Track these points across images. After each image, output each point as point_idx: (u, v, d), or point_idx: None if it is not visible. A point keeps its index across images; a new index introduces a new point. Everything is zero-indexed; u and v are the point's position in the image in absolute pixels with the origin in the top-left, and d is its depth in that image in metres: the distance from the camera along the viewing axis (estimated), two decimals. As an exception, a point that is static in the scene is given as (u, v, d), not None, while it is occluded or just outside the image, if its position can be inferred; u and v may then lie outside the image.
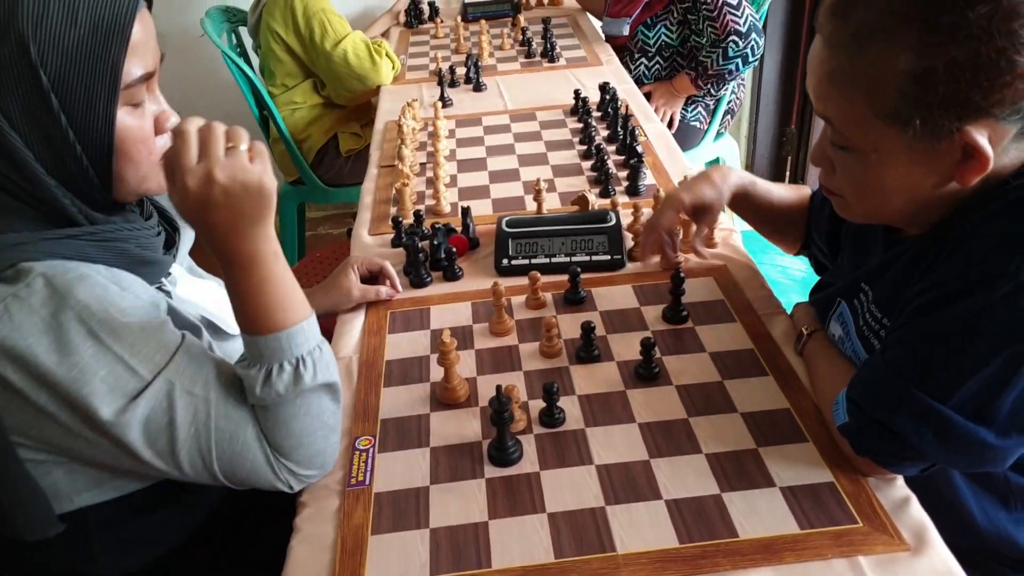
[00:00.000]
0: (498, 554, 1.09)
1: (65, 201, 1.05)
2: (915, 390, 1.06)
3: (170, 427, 1.04)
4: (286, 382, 1.10)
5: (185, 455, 1.06)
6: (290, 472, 1.14)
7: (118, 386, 1.00)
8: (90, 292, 1.00)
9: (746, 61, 2.95)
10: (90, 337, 0.98)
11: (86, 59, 1.00)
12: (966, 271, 1.04)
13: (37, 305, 0.96)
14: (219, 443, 1.08)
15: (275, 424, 1.11)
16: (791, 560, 1.04)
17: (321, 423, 1.15)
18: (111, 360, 1.00)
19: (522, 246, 1.73)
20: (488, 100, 2.73)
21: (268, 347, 1.09)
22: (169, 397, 1.04)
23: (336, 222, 4.37)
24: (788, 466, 1.18)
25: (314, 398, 1.13)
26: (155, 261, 1.17)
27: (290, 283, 1.12)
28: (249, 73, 3.08)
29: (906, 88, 1.01)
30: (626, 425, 1.28)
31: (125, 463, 1.06)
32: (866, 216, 1.21)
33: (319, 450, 1.16)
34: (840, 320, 1.32)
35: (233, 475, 1.11)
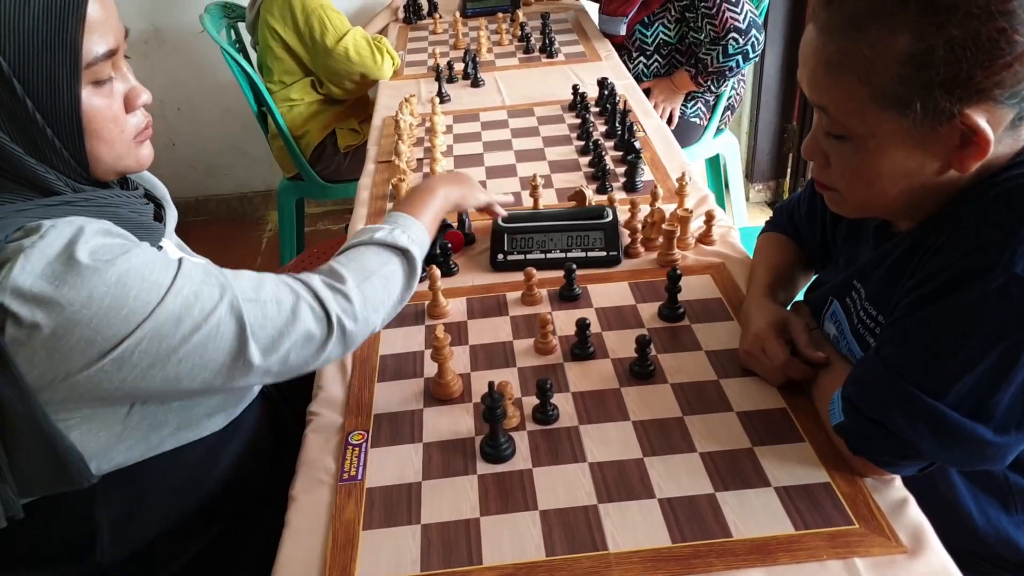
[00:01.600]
0: (489, 551, 1.08)
1: (50, 176, 1.05)
2: (910, 387, 1.05)
3: (200, 310, 1.05)
4: (400, 239, 1.30)
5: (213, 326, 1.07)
6: (349, 314, 1.18)
7: (151, 299, 1.01)
8: (98, 231, 1.01)
9: (746, 58, 2.93)
10: (110, 265, 0.98)
11: (43, 41, 0.99)
12: (959, 264, 1.03)
13: (54, 252, 0.96)
14: (248, 303, 1.09)
15: (358, 259, 1.26)
16: (785, 561, 1.03)
17: (391, 285, 1.27)
18: (136, 279, 1.00)
19: (518, 241, 1.72)
20: (486, 96, 2.72)
21: (408, 223, 1.35)
22: (195, 292, 1.05)
23: (335, 218, 4.37)
24: (783, 466, 1.17)
25: (402, 266, 1.30)
26: (150, 226, 1.17)
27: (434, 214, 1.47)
28: (248, 69, 3.07)
29: (905, 71, 0.99)
30: (620, 423, 1.27)
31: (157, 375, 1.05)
32: (860, 208, 1.19)
33: (380, 300, 1.25)
34: (833, 319, 1.31)
35: (271, 334, 1.11)
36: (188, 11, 3.77)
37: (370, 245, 1.29)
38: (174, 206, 1.34)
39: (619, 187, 2.00)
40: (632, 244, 1.72)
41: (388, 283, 1.26)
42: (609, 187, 1.97)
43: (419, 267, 1.32)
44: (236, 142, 4.24)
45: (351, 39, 3.00)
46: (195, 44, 3.89)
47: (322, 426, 1.33)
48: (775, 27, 3.70)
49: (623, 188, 1.99)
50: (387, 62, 3.03)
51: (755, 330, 1.35)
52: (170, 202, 1.33)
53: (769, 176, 4.13)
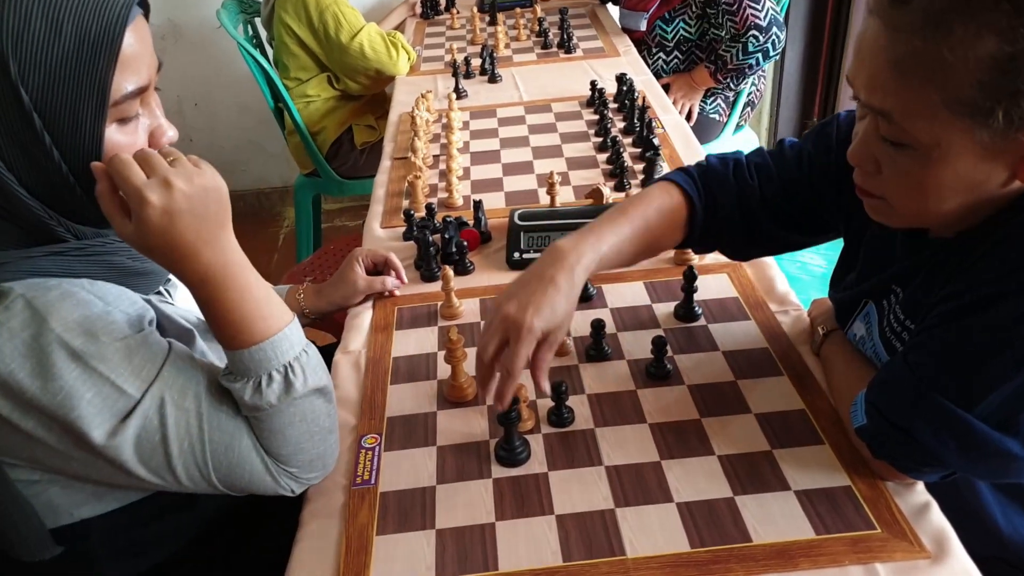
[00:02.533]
0: (505, 556, 1.07)
1: (51, 222, 1.01)
2: (938, 396, 1.02)
3: (164, 443, 1.01)
4: (277, 392, 1.06)
5: (182, 469, 1.04)
6: (291, 477, 1.12)
7: (106, 407, 0.97)
8: (72, 312, 0.96)
9: (767, 55, 2.91)
10: (73, 359, 0.95)
11: (71, 76, 0.94)
12: (1002, 276, 1.00)
13: (17, 328, 0.93)
14: (215, 455, 1.05)
15: (270, 434, 1.08)
16: (806, 567, 1.02)
17: (318, 427, 1.12)
18: (97, 381, 0.96)
19: (534, 240, 1.70)
20: (503, 91, 2.70)
21: (254, 360, 1.05)
22: (160, 413, 1.01)
23: (352, 214, 4.37)
24: (803, 469, 1.15)
25: (307, 403, 1.10)
26: (149, 272, 1.13)
27: (265, 290, 1.07)
28: (265, 65, 3.07)
29: (988, 76, 0.91)
30: (636, 425, 1.26)
31: (121, 480, 1.04)
32: (910, 220, 1.12)
33: (318, 454, 1.14)
34: (866, 320, 1.28)
35: (232, 484, 1.09)
36: (205, 6, 3.77)
37: (275, 409, 1.08)
38: None
39: (637, 184, 1.98)
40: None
41: (314, 427, 1.12)
42: (627, 184, 1.96)
43: (330, 386, 1.15)
44: (253, 138, 4.25)
45: (366, 35, 2.99)
46: (212, 39, 3.89)
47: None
48: (796, 24, 3.67)
49: (641, 185, 1.97)
50: (403, 58, 3.02)
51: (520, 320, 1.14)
52: None
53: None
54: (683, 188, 1.35)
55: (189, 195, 0.96)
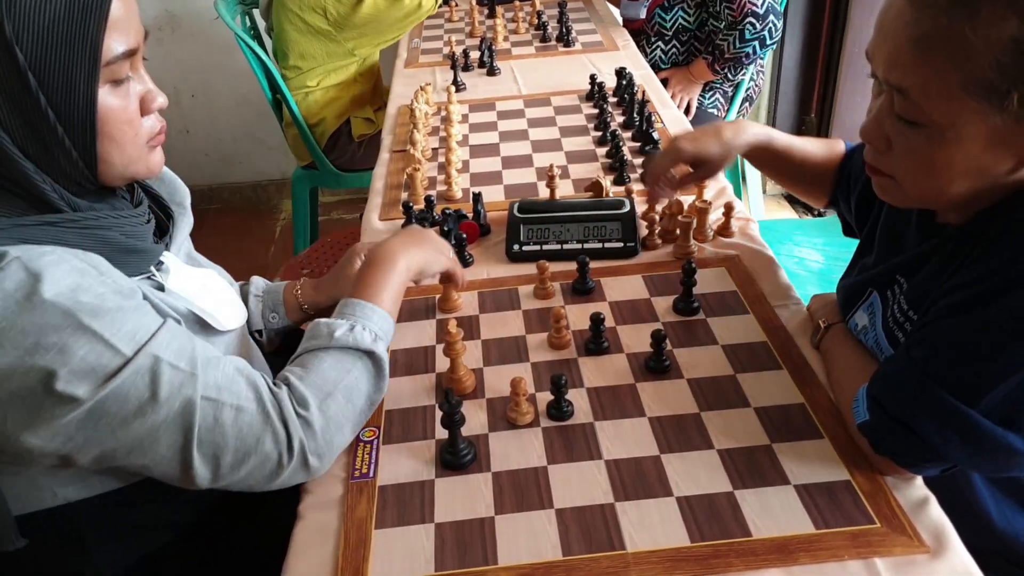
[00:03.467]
0: (505, 550, 1.07)
1: (44, 187, 1.01)
2: (941, 391, 1.02)
3: (152, 400, 1.00)
4: (359, 340, 1.19)
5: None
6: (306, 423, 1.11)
7: (99, 364, 0.96)
8: (66, 276, 0.96)
9: (763, 44, 2.90)
10: (66, 317, 0.94)
11: (63, 36, 0.96)
12: (1007, 269, 1.00)
13: (11, 287, 0.92)
14: (204, 418, 1.03)
15: (319, 370, 1.16)
16: (806, 561, 1.02)
17: (353, 398, 1.18)
18: (89, 338, 0.96)
19: (534, 232, 1.70)
20: (502, 85, 2.70)
21: (365, 311, 1.23)
22: (152, 371, 1.00)
23: (349, 207, 4.36)
24: (803, 463, 1.15)
25: (364, 374, 1.20)
26: (142, 250, 1.13)
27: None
28: (263, 56, 3.05)
29: (1007, 58, 0.92)
30: (636, 419, 1.25)
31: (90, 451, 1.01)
32: (917, 200, 1.13)
33: (337, 417, 1.15)
34: (869, 310, 1.28)
35: (222, 447, 1.05)
36: (203, -2, 3.76)
37: (330, 350, 1.18)
38: (190, 212, 1.31)
39: (636, 178, 1.97)
40: (649, 236, 1.70)
41: (352, 395, 1.18)
42: (627, 178, 1.95)
43: (386, 366, 1.23)
44: (250, 130, 4.23)
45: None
46: (210, 31, 3.88)
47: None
48: (794, 18, 3.67)
49: (641, 180, 1.97)
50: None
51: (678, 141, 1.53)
52: (187, 207, 1.30)
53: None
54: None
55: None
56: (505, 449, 1.22)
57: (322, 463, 1.14)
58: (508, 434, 1.25)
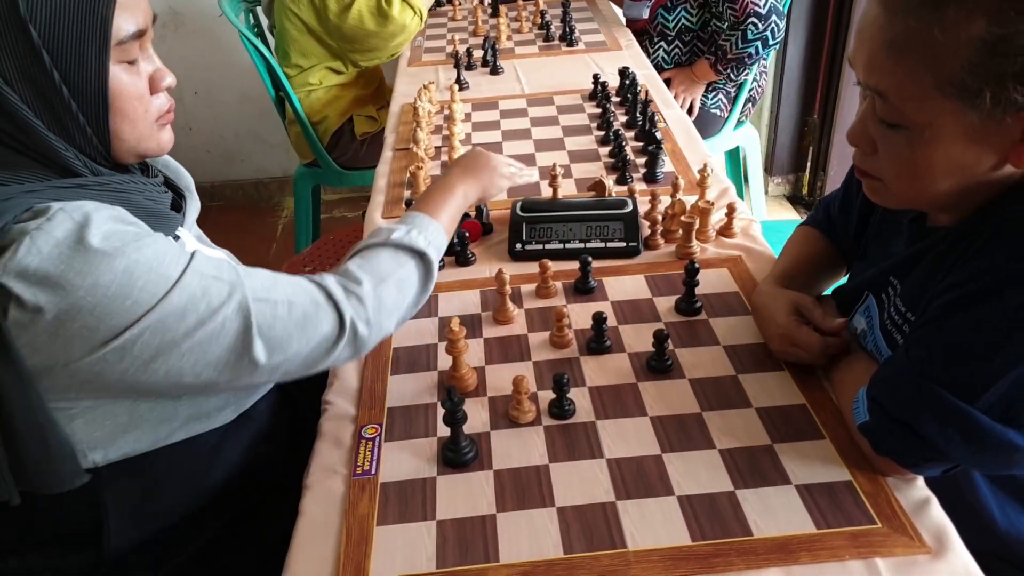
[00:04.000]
0: (506, 548, 1.07)
1: (68, 155, 1.04)
2: (941, 390, 1.02)
3: (208, 311, 1.04)
4: (415, 241, 1.28)
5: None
6: (359, 300, 1.18)
7: (157, 291, 1.00)
8: (107, 221, 1.00)
9: (766, 44, 2.90)
10: (119, 254, 0.97)
11: (75, 15, 0.99)
12: (1003, 266, 1.00)
13: (61, 235, 0.95)
14: (260, 315, 1.08)
15: (375, 260, 1.24)
16: (807, 561, 1.02)
17: (406, 284, 1.26)
18: (144, 269, 0.99)
19: (536, 231, 1.70)
20: (505, 84, 2.70)
21: (423, 222, 1.34)
22: (202, 287, 1.04)
23: (351, 205, 4.36)
24: (804, 463, 1.15)
25: (418, 269, 1.28)
26: (165, 215, 1.16)
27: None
28: (266, 54, 3.05)
29: (977, 58, 0.94)
30: (638, 418, 1.26)
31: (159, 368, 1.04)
32: (904, 201, 1.15)
33: (387, 300, 1.22)
34: (866, 314, 1.28)
35: (283, 338, 1.10)
36: (207, -5, 3.76)
37: (386, 246, 1.27)
38: (197, 197, 1.33)
39: (639, 178, 1.97)
40: (652, 236, 1.70)
41: (403, 287, 1.25)
42: (629, 178, 1.95)
43: (435, 270, 1.30)
44: (253, 127, 4.23)
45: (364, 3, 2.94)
46: (213, 28, 3.88)
47: (336, 416, 1.32)
48: (798, 19, 3.66)
49: (643, 179, 1.97)
50: (405, 13, 2.96)
51: (778, 330, 1.33)
52: (193, 192, 1.32)
53: (789, 170, 4.10)
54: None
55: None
56: (507, 447, 1.23)
57: (370, 337, 1.20)
58: (510, 432, 1.25)
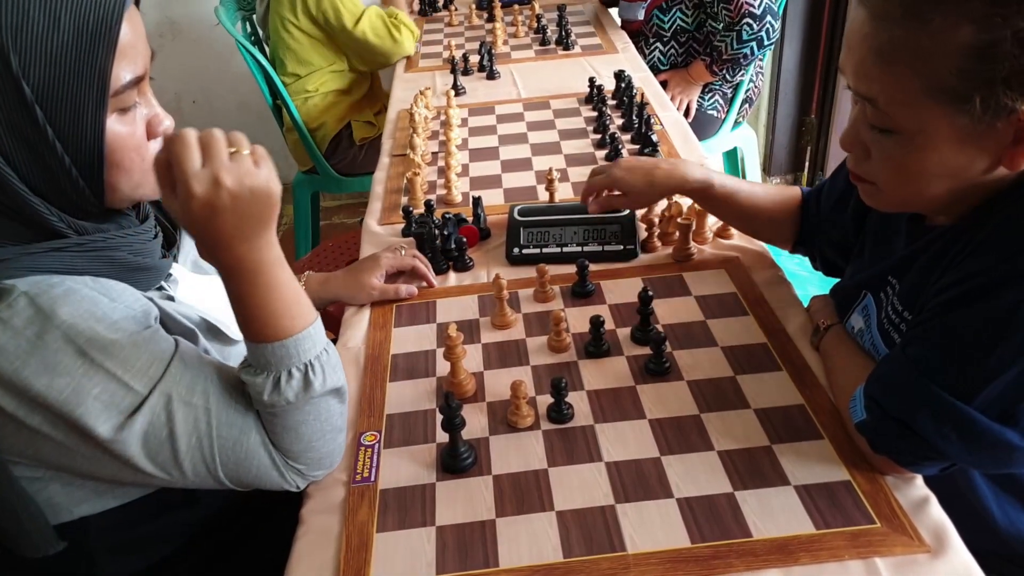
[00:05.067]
0: (506, 553, 1.07)
1: (52, 218, 1.00)
2: (937, 388, 1.03)
3: (171, 439, 1.02)
4: (296, 389, 1.07)
5: (189, 465, 1.04)
6: (297, 473, 1.13)
7: (113, 403, 0.97)
8: (76, 308, 0.96)
9: (761, 44, 2.90)
10: (79, 356, 0.95)
11: (71, 66, 0.94)
12: (999, 265, 1.01)
13: (21, 326, 0.92)
14: (223, 451, 1.06)
15: (283, 430, 1.10)
16: (806, 561, 1.02)
17: (330, 426, 1.13)
18: (103, 377, 0.96)
19: (534, 235, 1.70)
20: (501, 88, 2.70)
21: (276, 355, 1.05)
22: (167, 409, 1.01)
23: (350, 211, 4.36)
24: (803, 464, 1.15)
25: (323, 403, 1.11)
26: (151, 267, 1.13)
27: (295, 288, 1.08)
28: (263, 61, 3.06)
29: (966, 64, 0.94)
30: (636, 421, 1.26)
31: (127, 476, 1.04)
32: (899, 204, 1.16)
33: (328, 452, 1.15)
34: (864, 313, 1.28)
35: (239, 480, 1.09)
36: (203, 3, 3.76)
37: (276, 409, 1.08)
38: None
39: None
40: (649, 238, 1.70)
41: (325, 432, 1.14)
42: (625, 181, 1.95)
43: (342, 382, 1.15)
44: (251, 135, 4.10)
45: (367, 21, 3.00)
46: (210, 36, 3.89)
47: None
48: (794, 20, 3.67)
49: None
50: (406, 37, 3.06)
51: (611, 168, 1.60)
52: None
53: (787, 170, 4.10)
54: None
55: (235, 195, 0.95)
56: (505, 452, 1.23)
57: (320, 477, 1.19)
58: (508, 437, 1.25)
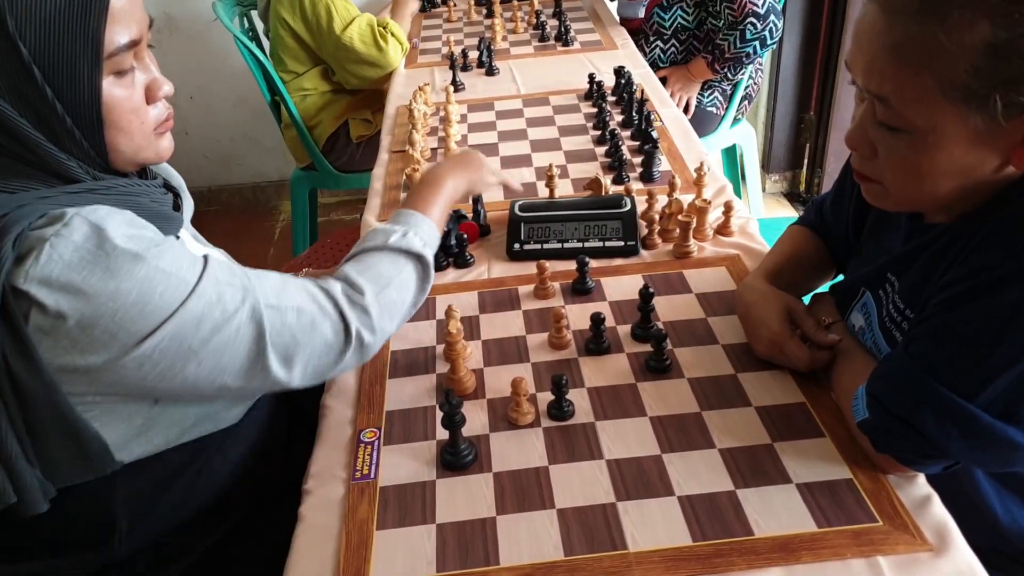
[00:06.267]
0: (506, 551, 1.07)
1: (71, 164, 1.04)
2: (940, 386, 1.02)
3: (223, 318, 1.05)
4: (411, 244, 1.27)
5: (238, 337, 1.07)
6: (364, 313, 1.18)
7: (176, 298, 1.00)
8: (123, 224, 1.00)
9: (764, 44, 2.89)
10: (138, 260, 0.97)
11: (65, 29, 0.97)
12: (1005, 261, 1.00)
13: (80, 240, 0.95)
14: (271, 322, 1.09)
15: (374, 266, 1.24)
16: (808, 560, 1.01)
17: (406, 288, 1.26)
18: (163, 276, 0.99)
19: (534, 231, 1.70)
20: (501, 84, 2.70)
21: (419, 221, 1.33)
22: (217, 293, 1.05)
23: (348, 208, 4.35)
24: (804, 462, 1.15)
25: (416, 271, 1.27)
26: (170, 216, 1.17)
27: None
28: (261, 58, 3.05)
29: (982, 62, 0.92)
30: (637, 419, 1.25)
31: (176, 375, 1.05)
32: (906, 204, 1.14)
33: (395, 302, 1.24)
34: (863, 311, 1.28)
35: (292, 345, 1.11)
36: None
37: (384, 250, 1.27)
38: (190, 196, 1.33)
39: (636, 177, 1.97)
40: (649, 235, 1.70)
41: (403, 291, 1.25)
42: (626, 177, 1.95)
43: (432, 270, 1.30)
44: (249, 131, 4.23)
45: (356, 27, 2.95)
46: (208, 32, 3.87)
47: (335, 420, 1.32)
48: (793, 16, 3.66)
49: (640, 178, 1.96)
50: (392, 48, 2.98)
51: (769, 334, 1.31)
52: (186, 192, 1.32)
53: (786, 167, 4.10)
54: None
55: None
56: (506, 449, 1.22)
57: (375, 343, 1.21)
58: (509, 434, 1.25)
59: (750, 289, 1.41)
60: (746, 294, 1.41)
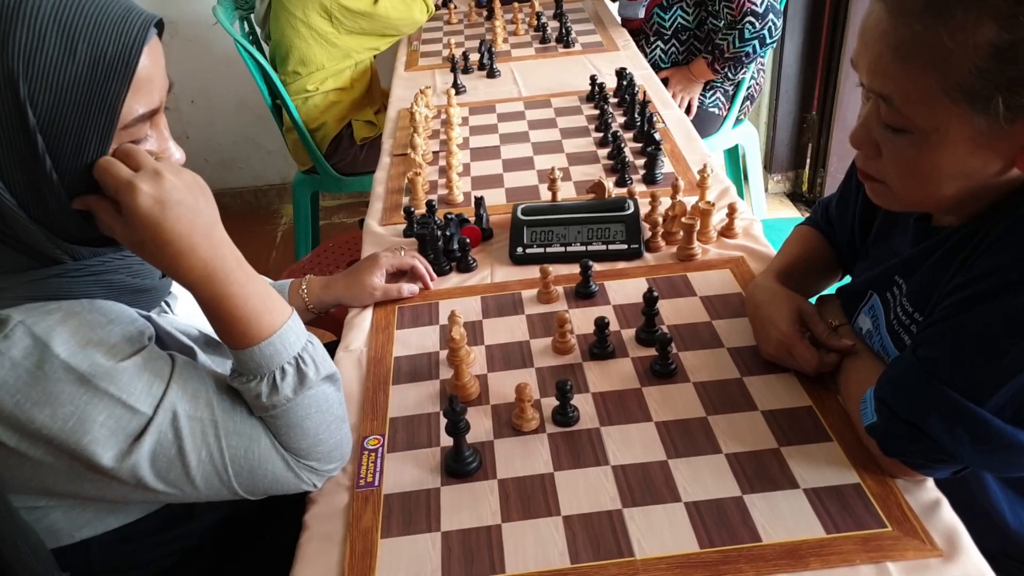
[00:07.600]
0: (512, 559, 1.06)
1: (49, 245, 0.97)
2: (949, 390, 1.01)
3: (180, 456, 1.00)
4: (292, 385, 1.06)
5: (201, 480, 1.03)
6: (311, 470, 1.13)
7: (119, 427, 0.95)
8: (74, 335, 0.94)
9: (763, 43, 2.89)
10: (81, 384, 0.93)
11: (81, 98, 0.90)
12: (1012, 266, 0.99)
13: (20, 357, 0.90)
14: (234, 460, 1.05)
15: (288, 429, 1.08)
16: (817, 566, 1.00)
17: (332, 415, 1.13)
18: (108, 403, 0.94)
19: (537, 234, 1.69)
20: (502, 87, 2.69)
21: (265, 356, 1.04)
22: (174, 426, 1.00)
23: (350, 211, 4.35)
24: (812, 467, 1.14)
25: (320, 392, 1.10)
26: (150, 288, 1.11)
27: (263, 283, 1.07)
28: (262, 61, 3.04)
29: (986, 64, 0.92)
30: (642, 424, 1.24)
31: (137, 497, 1.03)
32: (910, 204, 1.14)
33: (336, 443, 1.15)
34: (871, 313, 1.27)
35: (254, 488, 1.09)
36: (201, 2, 3.74)
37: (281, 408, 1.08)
38: None
39: (639, 179, 1.96)
40: (653, 238, 1.69)
41: (328, 418, 1.13)
42: (629, 179, 1.94)
43: (334, 368, 1.14)
44: (250, 135, 4.23)
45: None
46: (209, 36, 3.87)
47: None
48: (795, 16, 3.65)
49: (643, 180, 1.96)
50: (419, 7, 3.12)
51: (778, 335, 1.30)
52: None
53: (788, 167, 4.09)
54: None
55: (179, 186, 0.96)
56: (511, 456, 1.21)
57: (335, 471, 1.19)
58: (513, 441, 1.24)
59: (761, 289, 1.40)
60: (756, 294, 1.40)
